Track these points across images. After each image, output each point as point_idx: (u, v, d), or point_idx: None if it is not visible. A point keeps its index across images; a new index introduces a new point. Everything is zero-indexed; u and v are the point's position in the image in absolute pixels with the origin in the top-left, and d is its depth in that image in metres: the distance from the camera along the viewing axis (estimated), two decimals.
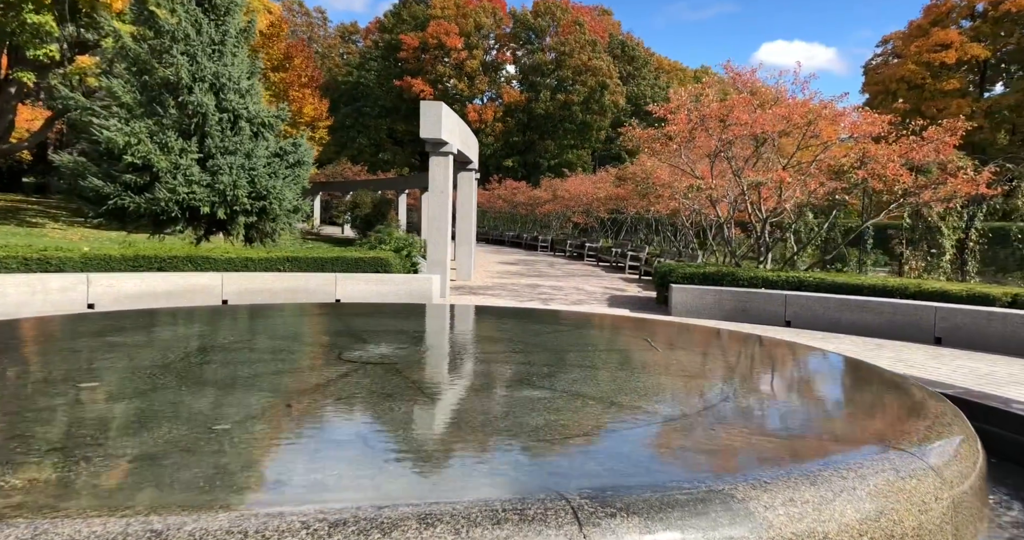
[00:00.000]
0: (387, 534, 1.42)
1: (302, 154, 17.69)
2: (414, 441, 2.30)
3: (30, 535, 1.27)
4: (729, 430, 2.55)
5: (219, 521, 1.39)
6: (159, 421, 2.33)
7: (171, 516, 1.41)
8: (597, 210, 26.53)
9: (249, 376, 3.18)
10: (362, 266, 13.01)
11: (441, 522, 1.48)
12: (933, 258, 13.38)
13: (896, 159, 11.09)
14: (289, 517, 1.44)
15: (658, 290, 13.82)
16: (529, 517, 1.53)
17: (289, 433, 2.35)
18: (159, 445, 2.06)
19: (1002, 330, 9.01)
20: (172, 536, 1.32)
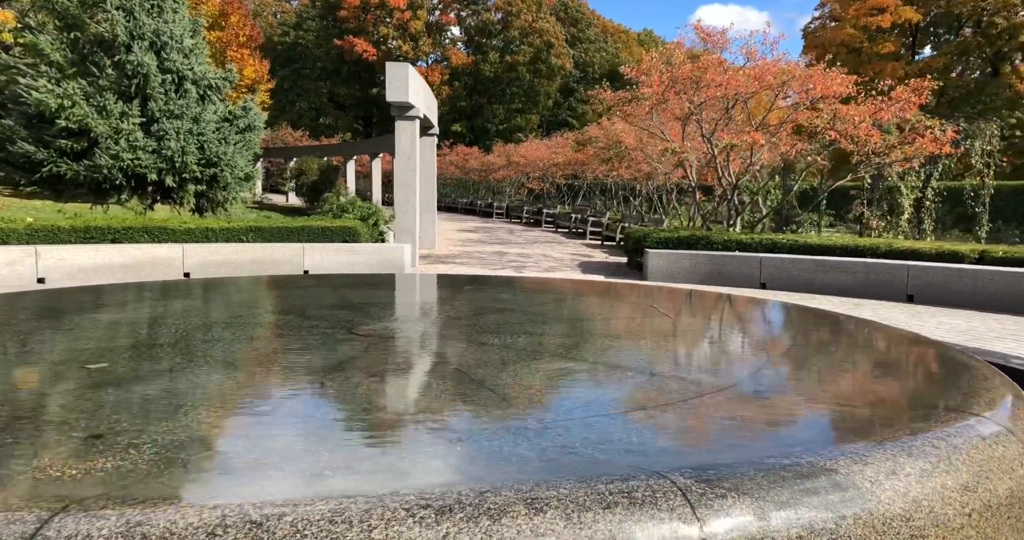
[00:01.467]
0: (496, 521, 1.33)
1: (252, 119, 16.79)
2: (474, 420, 2.14)
3: (124, 528, 1.20)
4: (783, 399, 2.49)
5: (319, 510, 1.31)
6: (193, 404, 2.15)
7: (268, 506, 1.31)
8: (554, 176, 26.31)
9: (266, 353, 2.97)
10: (329, 236, 12.50)
11: (550, 507, 1.39)
12: (892, 217, 13.77)
13: (867, 119, 11.24)
14: (391, 504, 1.34)
15: (629, 255, 13.82)
16: (639, 500, 1.45)
17: (337, 412, 2.19)
18: (204, 429, 1.91)
19: (973, 286, 9.35)
20: (272, 527, 1.24)
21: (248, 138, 16.67)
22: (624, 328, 4.08)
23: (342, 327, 3.65)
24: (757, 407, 2.37)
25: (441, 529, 1.30)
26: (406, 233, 13.56)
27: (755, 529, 1.46)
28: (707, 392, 2.48)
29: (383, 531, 1.28)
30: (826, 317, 5.20)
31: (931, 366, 3.38)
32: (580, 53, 53.65)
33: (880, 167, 12.39)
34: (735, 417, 2.28)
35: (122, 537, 1.20)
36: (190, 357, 2.86)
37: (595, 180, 24.96)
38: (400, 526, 1.30)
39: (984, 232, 13.76)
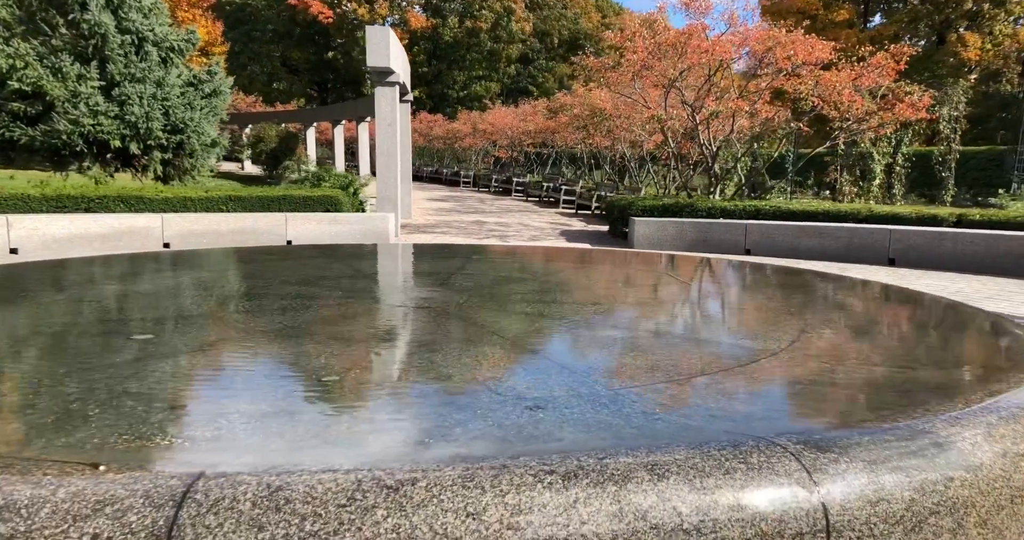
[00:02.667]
0: (622, 486, 1.35)
1: (218, 83, 16.07)
2: (542, 387, 2.12)
3: (266, 493, 1.22)
4: (838, 363, 2.52)
5: (449, 475, 1.32)
6: (263, 374, 2.17)
7: (399, 472, 1.32)
8: (523, 144, 26.10)
9: (304, 324, 2.90)
10: (311, 205, 12.17)
11: (671, 473, 1.40)
12: (865, 183, 14.15)
13: (849, 85, 11.43)
14: (516, 469, 1.35)
15: (612, 223, 13.88)
16: (755, 465, 1.47)
17: (406, 382, 2.18)
18: (286, 399, 1.91)
19: (953, 249, 9.73)
20: (407, 491, 1.26)
21: (214, 104, 15.97)
22: (649, 295, 4.14)
23: (368, 297, 3.63)
24: (815, 371, 2.41)
25: (570, 494, 1.30)
26: (388, 202, 13.29)
27: (870, 492, 1.49)
28: (760, 357, 2.53)
29: (515, 496, 1.28)
30: (842, 281, 5.34)
31: (975, 328, 3.50)
32: (540, 22, 52.88)
33: (857, 133, 12.67)
34: (798, 381, 2.34)
35: (266, 501, 1.21)
36: (236, 328, 2.78)
37: (564, 148, 24.86)
38: (531, 491, 1.30)
39: (949, 196, 14.29)
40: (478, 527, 1.24)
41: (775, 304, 4.02)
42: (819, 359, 2.57)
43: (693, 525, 1.33)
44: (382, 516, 1.22)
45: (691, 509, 1.34)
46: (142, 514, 1.17)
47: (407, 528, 1.22)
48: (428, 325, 2.97)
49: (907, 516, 1.50)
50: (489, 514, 1.26)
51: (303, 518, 1.20)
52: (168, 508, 1.18)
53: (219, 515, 1.17)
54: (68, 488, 1.20)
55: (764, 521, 1.37)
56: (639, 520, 1.31)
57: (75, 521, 1.14)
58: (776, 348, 2.68)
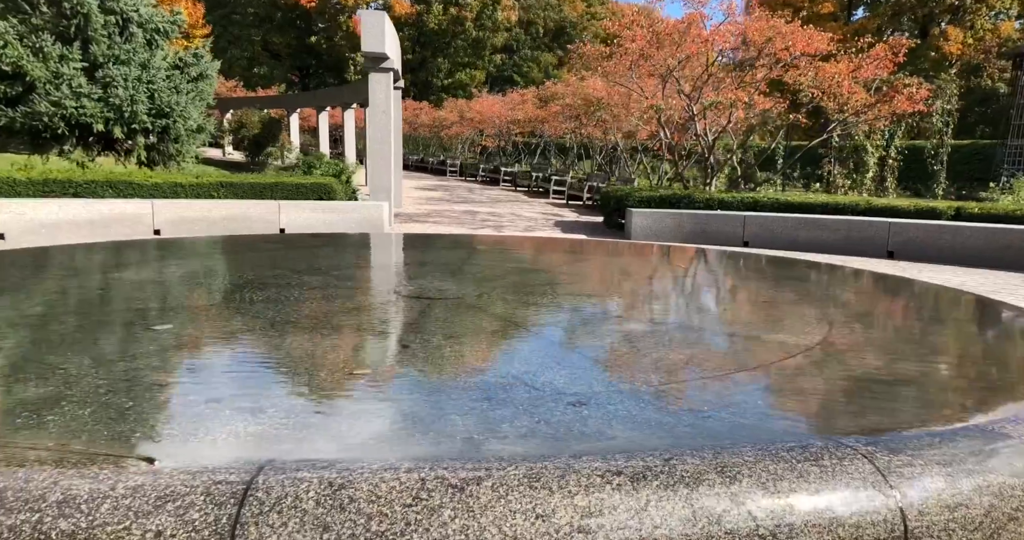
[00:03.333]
0: (693, 489, 1.30)
1: (204, 67, 15.65)
2: (581, 383, 2.07)
3: (329, 490, 1.19)
4: (879, 359, 2.49)
5: (514, 474, 1.29)
6: (296, 368, 2.09)
7: (462, 470, 1.28)
8: (511, 133, 25.87)
9: (325, 315, 2.85)
10: (303, 193, 11.92)
11: (743, 475, 1.36)
12: (858, 175, 14.21)
13: (848, 77, 11.42)
14: (582, 469, 1.32)
15: (607, 214, 13.79)
16: (828, 468, 1.42)
17: (441, 376, 2.12)
18: (324, 393, 1.87)
19: (952, 242, 9.78)
20: (473, 491, 1.23)
21: (201, 87, 15.55)
22: (665, 288, 4.13)
23: (385, 288, 3.56)
24: (855, 367, 2.36)
25: (640, 497, 1.26)
26: (381, 191, 13.07)
27: (948, 497, 1.43)
28: (796, 352, 2.48)
29: (584, 497, 1.25)
30: (859, 274, 5.30)
31: (1006, 322, 3.46)
32: (524, 11, 52.48)
33: (853, 126, 12.69)
34: (840, 377, 2.27)
35: (329, 499, 1.18)
36: (259, 320, 2.69)
37: (553, 138, 24.70)
38: (600, 493, 1.27)
39: (941, 190, 14.43)
40: (548, 529, 1.19)
41: (799, 298, 3.98)
42: (857, 355, 2.52)
43: (769, 531, 1.28)
44: (449, 517, 1.19)
45: (766, 514, 1.29)
46: (204, 511, 1.13)
47: (475, 530, 1.18)
48: (450, 317, 2.92)
49: (986, 522, 1.45)
50: (559, 516, 1.21)
51: (369, 518, 1.16)
52: (230, 506, 1.14)
53: (283, 514, 1.14)
54: (127, 483, 1.17)
55: (841, 527, 1.31)
56: (713, 525, 1.26)
57: (137, 517, 1.11)
58: (810, 342, 2.64)
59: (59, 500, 1.13)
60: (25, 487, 1.15)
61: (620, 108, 14.50)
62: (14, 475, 1.19)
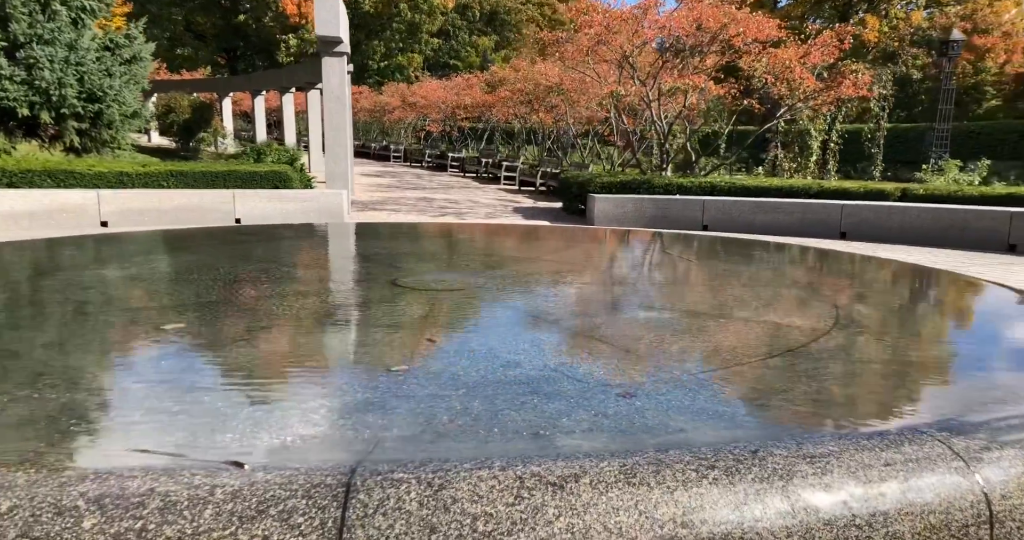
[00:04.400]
0: (788, 481, 1.31)
1: (138, 49, 14.78)
2: (622, 374, 2.09)
3: (430, 491, 1.20)
4: (897, 341, 2.58)
5: (608, 469, 1.29)
6: (328, 367, 2.07)
7: (558, 468, 1.27)
8: (458, 118, 25.56)
9: (330, 309, 2.81)
10: (257, 181, 11.47)
11: (833, 465, 1.38)
12: (802, 159, 14.76)
13: (796, 63, 11.79)
14: (676, 464, 1.32)
15: (567, 200, 13.85)
16: (911, 455, 1.45)
17: (479, 370, 2.09)
18: (374, 389, 1.82)
19: (901, 222, 10.30)
20: (573, 489, 1.23)
21: (134, 70, 14.68)
22: (666, 275, 4.22)
23: (381, 281, 3.48)
24: (879, 351, 2.41)
25: (738, 490, 1.27)
26: (338, 178, 12.70)
27: None
28: (818, 336, 2.53)
29: (683, 492, 1.25)
30: (851, 258, 5.49)
31: (996, 300, 3.65)
32: None
33: (800, 110, 13.14)
34: (868, 361, 2.32)
35: (432, 500, 1.17)
36: (281, 316, 2.63)
37: (501, 124, 24.54)
38: (697, 487, 1.27)
39: (878, 171, 15.16)
40: (651, 525, 1.19)
41: (799, 281, 4.10)
42: (877, 338, 2.57)
43: (864, 520, 1.29)
44: (553, 515, 1.18)
45: (860, 503, 1.30)
46: (309, 515, 1.12)
47: (581, 528, 1.17)
48: (462, 309, 2.90)
49: None
50: (661, 512, 1.21)
51: (475, 518, 1.16)
52: (333, 509, 1.13)
53: (388, 516, 1.13)
54: (225, 488, 1.15)
55: (932, 513, 1.33)
56: (811, 516, 1.27)
57: (242, 523, 1.10)
58: (825, 327, 2.70)
59: (160, 507, 1.10)
60: (122, 494, 1.12)
61: (577, 94, 14.52)
62: (105, 482, 1.14)
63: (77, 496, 1.12)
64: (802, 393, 1.92)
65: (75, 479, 1.16)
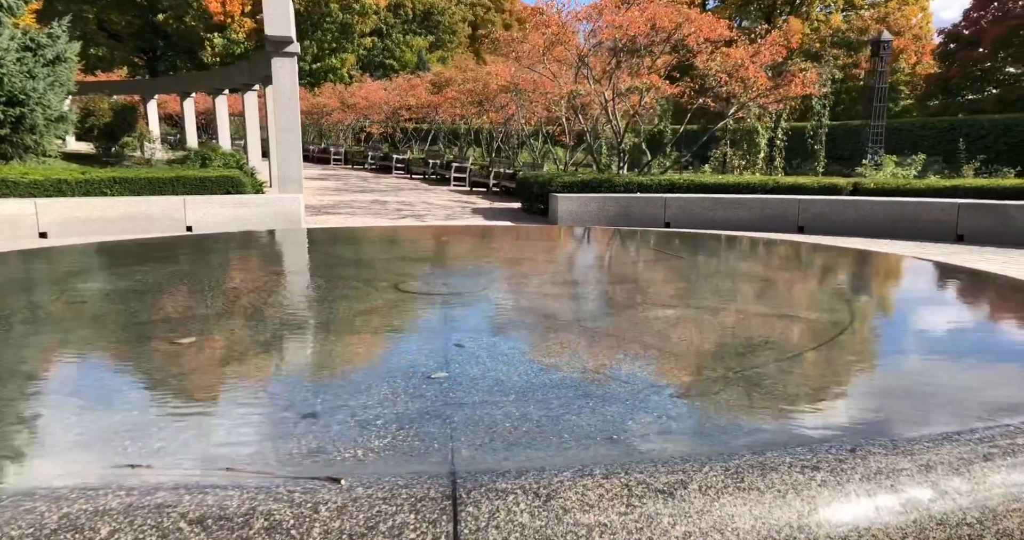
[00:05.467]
0: (895, 479, 1.30)
1: (61, 49, 13.84)
2: (661, 373, 2.08)
3: (539, 501, 1.17)
4: (915, 334, 2.66)
5: (717, 475, 1.26)
6: (357, 371, 2.03)
7: (663, 474, 1.23)
8: (402, 119, 25.10)
9: (345, 316, 2.74)
10: (208, 187, 10.88)
11: (934, 461, 1.36)
12: (751, 156, 15.17)
13: (747, 61, 12.09)
14: (779, 466, 1.29)
15: (527, 200, 13.77)
16: (1006, 448, 1.44)
17: (519, 374, 2.05)
18: (413, 399, 1.77)
19: (855, 215, 10.69)
20: (683, 495, 1.22)
21: (58, 71, 13.71)
22: (664, 273, 4.21)
23: (383, 285, 3.40)
24: (907, 344, 2.45)
25: (847, 491, 1.26)
26: (291, 182, 12.21)
27: None
28: (840, 332, 2.52)
29: (795, 495, 1.21)
30: (848, 253, 5.61)
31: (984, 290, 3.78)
32: None
33: (751, 108, 13.49)
34: (898, 353, 2.35)
35: (543, 511, 1.14)
36: (276, 323, 2.53)
37: (446, 125, 24.26)
38: (807, 490, 1.25)
39: (821, 167, 15.76)
40: (769, 532, 1.17)
41: (807, 277, 4.15)
42: (902, 332, 2.61)
43: (975, 517, 1.27)
44: (668, 523, 1.15)
45: (969, 500, 1.29)
46: (420, 531, 1.09)
47: (697, 536, 1.15)
48: (477, 313, 2.86)
49: None
50: (776, 517, 1.19)
51: (589, 529, 1.12)
52: (443, 523, 1.10)
53: (501, 529, 1.10)
54: (328, 506, 1.12)
55: None
56: (923, 514, 1.25)
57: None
58: (845, 320, 2.72)
59: (266, 527, 1.07)
60: (223, 514, 1.08)
61: (536, 94, 14.47)
62: (203, 502, 1.10)
63: (178, 518, 1.08)
64: (855, 389, 1.93)
65: (172, 500, 1.11)
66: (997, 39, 32.46)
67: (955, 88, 34.60)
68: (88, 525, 1.06)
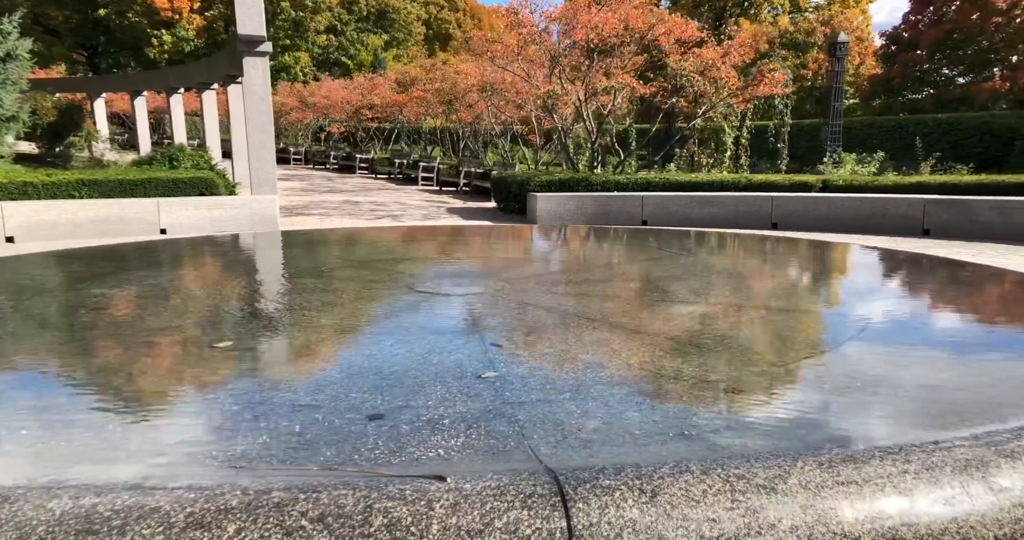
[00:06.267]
0: (986, 472, 1.33)
1: (12, 45, 13.23)
2: (711, 367, 2.11)
3: (645, 497, 1.19)
4: (940, 327, 2.86)
5: (811, 470, 1.28)
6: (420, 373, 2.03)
7: (759, 469, 1.25)
8: (365, 119, 24.75)
9: (376, 318, 2.83)
10: (182, 189, 10.56)
11: (1018, 453, 1.39)
12: (718, 154, 15.53)
13: (718, 62, 12.37)
14: (869, 460, 1.32)
15: (503, 199, 13.78)
16: None
17: (567, 372, 2.09)
18: (472, 399, 1.80)
19: (827, 212, 11.05)
20: (783, 490, 1.24)
21: (9, 70, 13.09)
22: (675, 270, 4.31)
23: (400, 286, 3.47)
24: (930, 339, 2.56)
25: (943, 484, 1.28)
26: (265, 184, 11.93)
27: None
28: (867, 327, 2.64)
29: (892, 489, 1.24)
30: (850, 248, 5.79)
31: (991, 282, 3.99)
32: None
33: (721, 108, 13.81)
34: (927, 345, 2.43)
35: (651, 506, 1.16)
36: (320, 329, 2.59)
37: (410, 124, 24.04)
38: (903, 482, 1.27)
39: (784, 165, 16.24)
40: (873, 524, 1.19)
41: (801, 274, 4.30)
42: (922, 328, 2.75)
43: None
44: (775, 517, 1.17)
45: None
46: (536, 527, 1.11)
47: (804, 529, 1.17)
48: (501, 312, 2.88)
49: None
50: (879, 509, 1.21)
51: (699, 524, 1.14)
52: (556, 519, 1.12)
53: (613, 525, 1.12)
54: (442, 502, 1.13)
55: None
56: (1017, 507, 1.28)
57: (471, 537, 1.10)
58: (866, 314, 2.86)
59: (385, 524, 1.08)
60: (342, 512, 1.10)
61: (512, 93, 14.48)
62: (319, 500, 1.11)
63: (299, 516, 1.09)
64: (896, 379, 1.97)
65: (288, 499, 1.11)
66: (933, 42, 33.96)
67: (897, 88, 36.06)
68: (215, 523, 1.07)
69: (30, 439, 1.52)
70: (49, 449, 1.47)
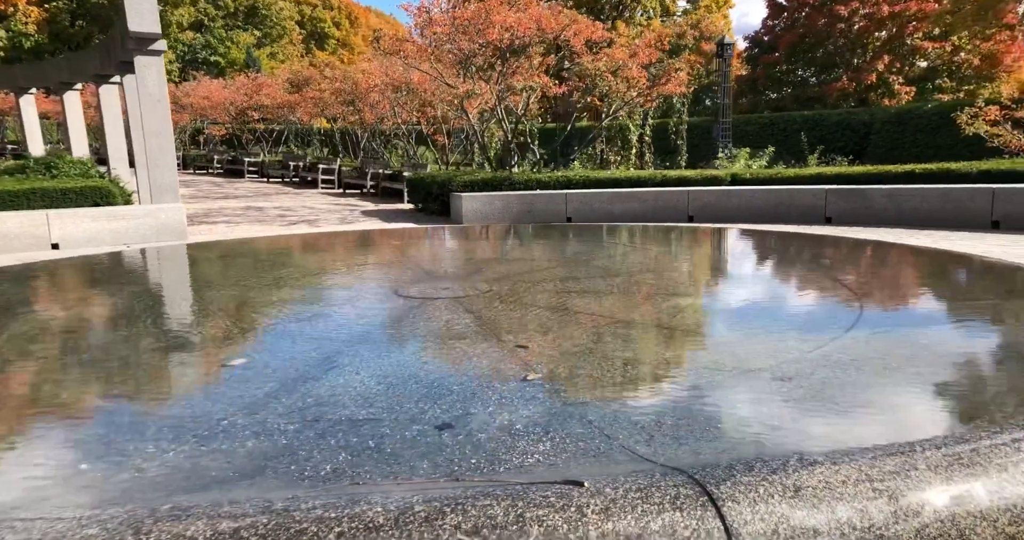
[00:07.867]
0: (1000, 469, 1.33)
1: None
2: (738, 361, 2.11)
3: (791, 493, 1.21)
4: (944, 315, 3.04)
5: (934, 457, 1.33)
6: (466, 376, 2.01)
7: (875, 460, 1.27)
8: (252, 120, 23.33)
9: (384, 326, 2.77)
10: (72, 199, 9.49)
11: None
12: (624, 152, 16.05)
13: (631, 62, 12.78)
14: (978, 442, 1.37)
15: (423, 200, 13.49)
16: None
17: (605, 373, 2.05)
18: (529, 403, 1.76)
19: (739, 204, 11.69)
20: (915, 476, 1.27)
21: None
22: (662, 266, 4.40)
23: (383, 292, 3.39)
24: (939, 333, 2.60)
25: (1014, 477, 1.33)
26: (167, 191, 10.92)
27: None
28: (868, 320, 2.71)
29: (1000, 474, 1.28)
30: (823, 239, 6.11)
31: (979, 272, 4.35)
32: None
33: (628, 107, 14.26)
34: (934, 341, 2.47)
35: (798, 501, 1.17)
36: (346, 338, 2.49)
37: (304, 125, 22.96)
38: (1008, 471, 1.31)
39: (684, 161, 17.05)
40: (1007, 505, 1.24)
41: (788, 265, 4.52)
42: (928, 319, 2.87)
43: None
44: (917, 504, 1.20)
45: None
46: (693, 528, 1.12)
47: (945, 513, 1.21)
48: (508, 315, 2.83)
49: None
50: (1010, 490, 1.26)
51: (849, 515, 1.17)
52: (710, 519, 1.13)
53: (767, 521, 1.14)
54: (591, 508, 1.13)
55: None
56: None
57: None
58: (877, 303, 2.99)
59: (543, 532, 1.09)
60: (494, 522, 1.09)
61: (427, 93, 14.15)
62: (467, 512, 1.10)
63: (452, 529, 1.08)
64: (929, 375, 1.98)
65: (433, 512, 1.10)
66: (789, 46, 37.00)
67: (761, 88, 38.96)
68: None
69: None
70: None
